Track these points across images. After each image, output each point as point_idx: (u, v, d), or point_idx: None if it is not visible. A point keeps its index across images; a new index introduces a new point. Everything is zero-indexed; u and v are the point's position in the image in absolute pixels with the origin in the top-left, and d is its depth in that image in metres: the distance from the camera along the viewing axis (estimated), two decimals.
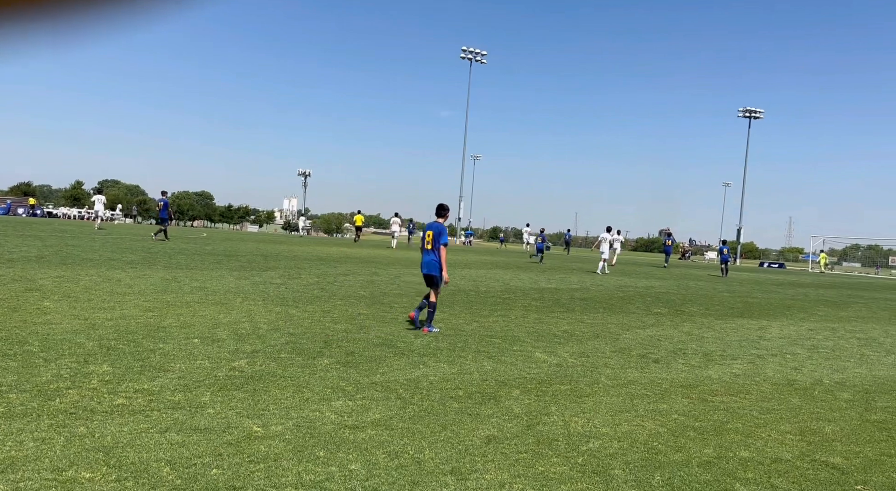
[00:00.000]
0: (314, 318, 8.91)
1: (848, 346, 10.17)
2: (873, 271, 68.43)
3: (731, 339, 10.02)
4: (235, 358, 6.14)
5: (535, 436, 4.49)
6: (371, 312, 9.95)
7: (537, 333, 9.18)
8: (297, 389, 5.20)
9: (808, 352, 9.25)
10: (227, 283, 12.17)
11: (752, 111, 71.54)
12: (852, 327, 12.75)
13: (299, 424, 4.33)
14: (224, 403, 4.68)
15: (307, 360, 6.29)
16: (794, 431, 5.09)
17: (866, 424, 5.48)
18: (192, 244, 23.69)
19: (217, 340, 6.89)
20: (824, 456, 4.51)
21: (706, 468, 4.09)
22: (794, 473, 4.13)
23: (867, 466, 4.36)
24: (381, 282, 14.71)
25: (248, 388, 5.14)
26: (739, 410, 5.63)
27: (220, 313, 8.64)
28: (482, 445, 4.22)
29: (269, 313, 8.97)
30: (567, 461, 4.04)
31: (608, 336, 9.37)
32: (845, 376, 7.60)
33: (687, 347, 8.87)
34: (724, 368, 7.54)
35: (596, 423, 4.94)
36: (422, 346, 7.48)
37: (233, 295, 10.53)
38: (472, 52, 68.85)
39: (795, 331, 11.56)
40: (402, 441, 4.17)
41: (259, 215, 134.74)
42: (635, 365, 7.36)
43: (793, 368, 7.92)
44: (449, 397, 5.34)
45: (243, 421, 4.32)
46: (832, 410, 5.89)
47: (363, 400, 5.04)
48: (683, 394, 6.12)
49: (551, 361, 7.19)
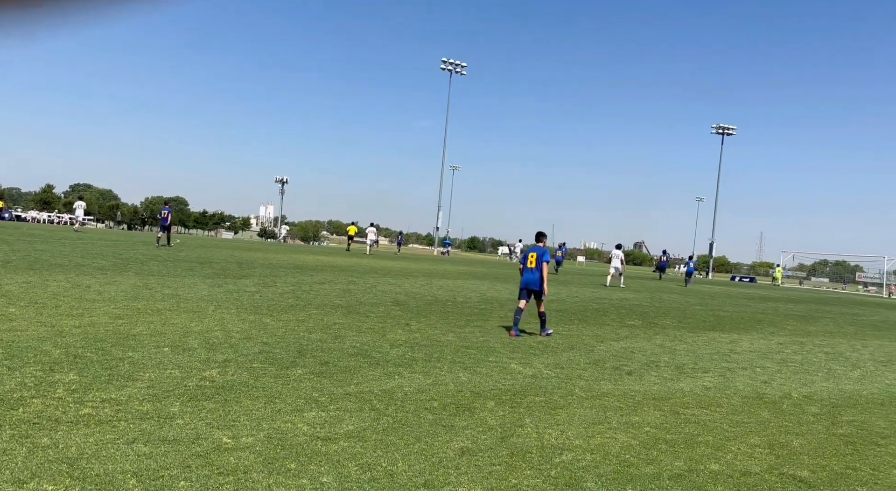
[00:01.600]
0: (288, 327, 8.81)
1: (816, 360, 10.37)
2: (840, 286, 69.98)
3: (703, 352, 10.15)
4: (206, 367, 6.04)
5: (508, 448, 4.49)
6: (347, 321, 9.88)
7: (513, 344, 9.20)
8: (269, 400, 5.13)
9: (778, 366, 9.41)
10: (200, 290, 12.00)
11: (726, 128, 73.00)
12: (820, 342, 13.01)
13: (270, 436, 4.27)
14: (194, 414, 4.60)
15: (280, 370, 6.22)
16: (763, 445, 5.16)
17: (833, 438, 5.58)
18: (165, 251, 23.33)
19: (188, 349, 6.77)
20: (792, 469, 4.58)
21: (677, 481, 4.13)
22: (763, 486, 4.18)
23: (833, 480, 4.44)
24: (358, 291, 14.63)
25: (219, 398, 5.06)
26: (710, 423, 5.70)
27: (192, 321, 8.51)
28: (456, 457, 4.21)
29: (242, 322, 8.85)
30: (540, 474, 4.04)
31: (583, 348, 9.43)
32: (813, 390, 7.74)
33: (660, 360, 8.96)
34: (696, 381, 7.63)
35: (569, 435, 4.96)
36: (397, 356, 7.45)
37: (205, 303, 10.38)
38: (452, 64, 69.26)
39: (765, 345, 11.75)
40: (375, 453, 4.13)
41: (234, 222, 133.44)
42: (609, 377, 7.42)
43: (762, 381, 8.05)
44: (423, 409, 5.32)
45: (213, 432, 4.25)
46: (800, 424, 5.99)
47: (336, 411, 5.00)
48: (656, 406, 6.18)
49: (526, 373, 7.21)
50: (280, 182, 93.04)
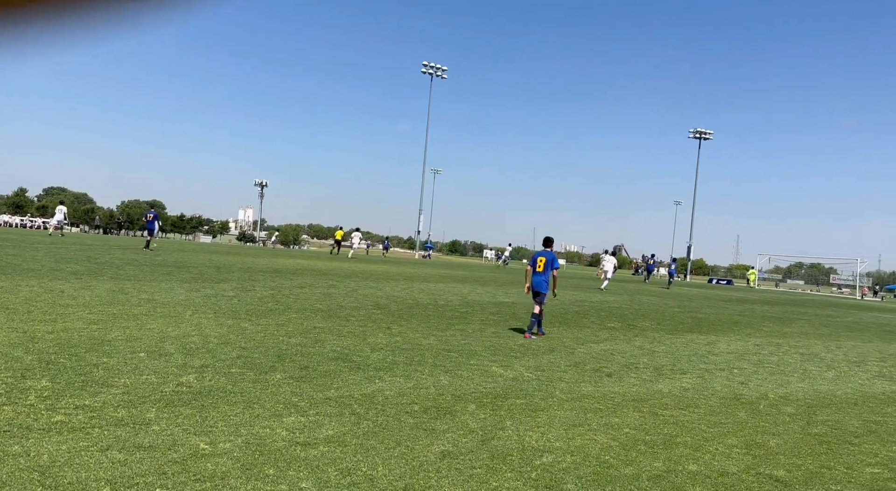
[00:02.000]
0: (267, 331, 8.73)
1: (791, 361, 10.52)
2: (814, 288, 71.22)
3: (681, 353, 10.25)
4: (183, 373, 5.96)
5: (489, 451, 4.49)
6: (327, 325, 9.82)
7: (494, 347, 9.21)
8: (247, 405, 5.07)
9: (754, 367, 9.54)
10: (177, 295, 11.84)
11: (702, 132, 74.00)
12: (796, 343, 13.21)
13: (249, 441, 4.22)
14: (170, 420, 4.53)
15: (259, 375, 6.16)
16: (741, 445, 5.22)
17: (808, 438, 5.66)
18: (142, 255, 23.00)
19: (164, 354, 6.67)
20: (768, 469, 4.64)
21: (656, 482, 4.15)
22: (740, 486, 4.23)
23: (808, 479, 4.50)
24: (338, 295, 14.55)
25: (196, 403, 4.99)
26: (688, 424, 5.75)
27: (169, 327, 8.39)
28: (436, 460, 4.20)
29: (220, 327, 8.75)
30: (521, 476, 4.04)
31: (563, 350, 9.47)
32: (789, 391, 7.86)
33: (639, 362, 9.03)
34: (674, 382, 7.70)
35: (550, 437, 4.97)
36: (378, 360, 7.42)
37: (182, 307, 10.25)
38: (433, 68, 69.36)
39: (742, 346, 11.90)
40: (356, 458, 4.10)
41: (213, 226, 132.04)
42: (589, 379, 7.45)
43: (739, 382, 8.15)
44: (404, 412, 5.30)
45: (190, 438, 4.19)
46: (776, 424, 6.07)
47: (316, 416, 4.95)
48: (635, 408, 6.22)
49: (507, 376, 7.22)
50: (259, 185, 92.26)
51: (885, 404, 7.54)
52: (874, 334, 16.86)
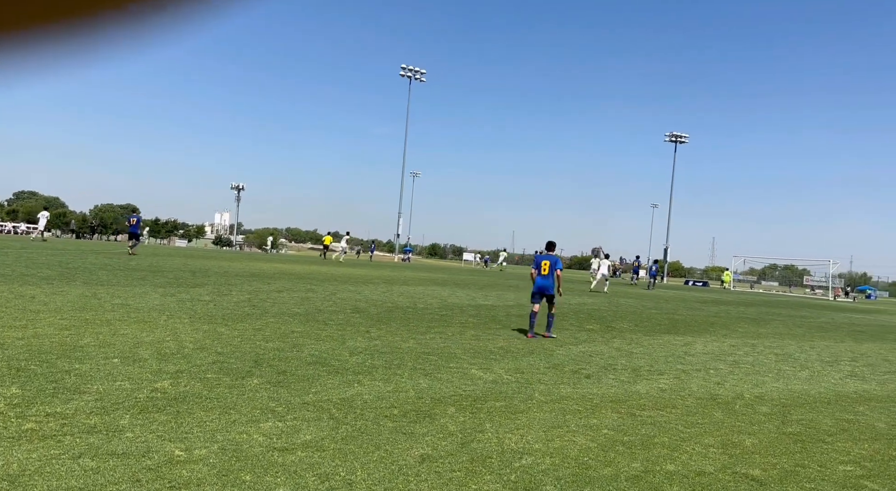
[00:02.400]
0: (244, 336, 8.63)
1: (766, 361, 10.68)
2: (787, 289, 72.49)
3: (659, 354, 10.35)
4: (158, 379, 5.86)
5: (469, 454, 4.48)
6: (305, 329, 9.73)
7: (474, 349, 9.21)
8: (223, 411, 5.00)
9: (730, 367, 9.66)
10: (152, 300, 11.66)
11: (678, 136, 74.99)
12: (770, 343, 13.42)
13: (225, 447, 4.16)
14: (144, 426, 4.45)
15: (235, 380, 6.08)
16: (717, 445, 5.28)
17: (783, 437, 5.74)
18: (115, 259, 22.61)
19: (138, 360, 6.56)
20: (744, 468, 4.70)
21: (634, 483, 4.18)
22: (717, 485, 4.27)
23: (783, 477, 4.56)
24: (317, 299, 14.44)
25: (171, 410, 4.91)
26: (666, 425, 5.80)
27: (143, 332, 8.25)
28: (416, 464, 4.18)
29: (195, 332, 8.62)
30: (500, 479, 4.04)
31: (542, 352, 9.50)
32: (764, 391, 7.97)
33: (617, 363, 9.10)
34: (652, 383, 7.76)
35: (529, 439, 4.98)
36: (357, 364, 7.37)
37: (157, 313, 10.09)
38: (412, 71, 69.36)
39: (718, 347, 12.06)
40: (334, 463, 4.07)
41: (189, 230, 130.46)
42: (568, 381, 7.49)
43: (716, 382, 8.25)
44: (383, 416, 5.26)
45: (165, 445, 4.12)
46: (752, 424, 6.15)
47: (294, 421, 4.90)
48: (613, 409, 6.26)
49: (487, 378, 7.22)
50: (236, 189, 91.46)
51: (856, 403, 7.68)
52: (846, 334, 17.20)
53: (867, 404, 7.65)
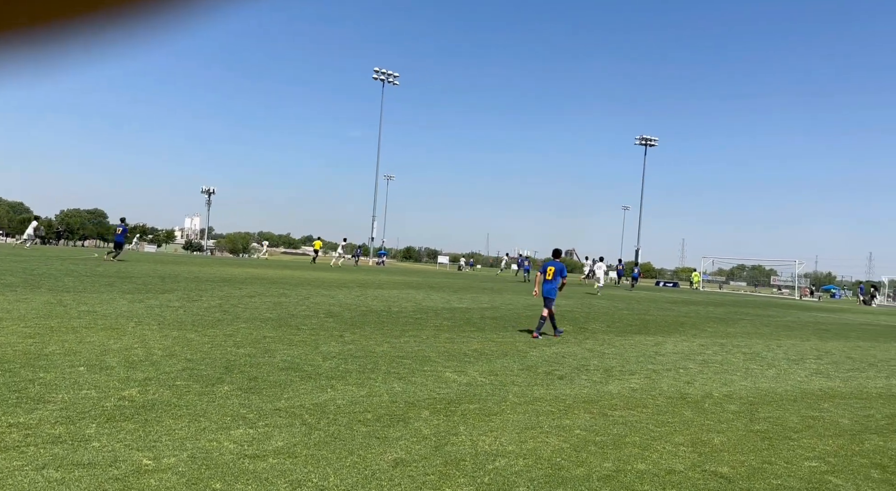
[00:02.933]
0: (215, 342, 8.51)
1: (735, 360, 10.89)
2: (752, 289, 73.98)
3: (630, 354, 10.47)
4: (126, 386, 5.75)
5: (442, 457, 4.48)
6: (277, 334, 9.63)
7: (448, 352, 9.21)
8: (193, 419, 4.92)
9: (700, 366, 9.82)
10: (120, 306, 11.43)
11: (648, 139, 76.12)
12: (738, 343, 13.68)
13: (194, 456, 4.10)
14: (111, 436, 4.36)
15: (205, 387, 5.99)
16: (687, 443, 5.36)
17: (750, 434, 5.86)
18: (82, 265, 22.12)
19: (106, 368, 6.42)
20: (713, 466, 4.78)
21: (606, 482, 4.22)
22: (687, 483, 4.34)
23: (751, 474, 4.66)
24: (290, 303, 14.31)
25: (139, 418, 4.82)
26: (637, 424, 5.88)
27: (111, 339, 8.08)
28: (389, 468, 4.16)
29: (164, 338, 8.48)
30: (473, 481, 4.05)
31: (516, 354, 9.55)
32: (732, 389, 8.12)
33: (589, 364, 9.19)
34: (623, 383, 7.86)
35: (503, 441, 5.00)
36: (330, 369, 7.32)
37: (125, 319, 9.89)
38: (385, 74, 69.27)
39: (688, 346, 12.25)
40: (306, 469, 4.03)
41: (158, 234, 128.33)
42: (541, 382, 7.53)
43: (685, 381, 8.38)
44: (357, 421, 5.24)
45: (132, 454, 4.04)
46: (720, 422, 6.26)
47: (265, 427, 4.85)
48: (586, 409, 6.32)
49: (461, 381, 7.23)
50: (206, 193, 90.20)
51: (821, 400, 7.87)
52: (811, 333, 17.61)
53: (832, 401, 7.84)
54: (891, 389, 9.15)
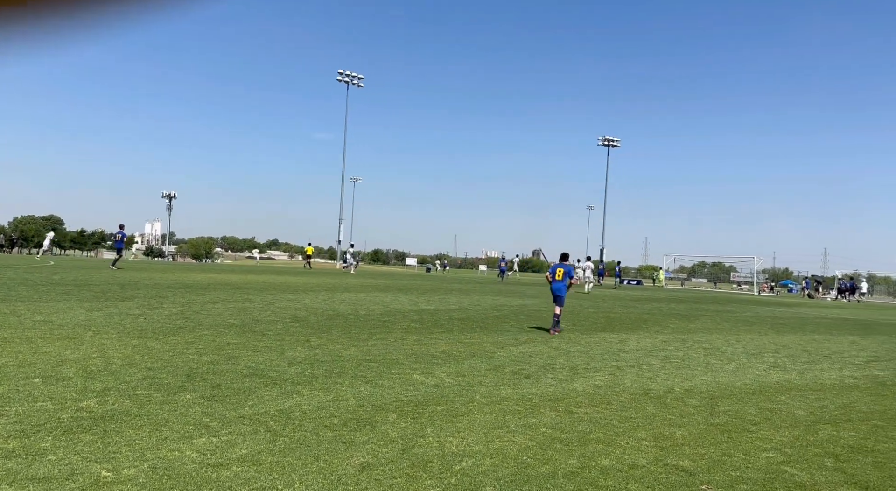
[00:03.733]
0: (176, 350, 8.34)
1: (696, 355, 11.14)
2: (711, 286, 75.72)
3: (595, 352, 10.63)
4: (83, 397, 5.60)
5: (409, 459, 4.48)
6: (241, 340, 9.50)
7: (416, 354, 9.21)
8: (154, 428, 4.83)
9: (662, 362, 10.02)
10: (77, 315, 11.12)
11: (610, 140, 77.35)
12: (699, 338, 13.99)
13: (155, 466, 4.02)
14: (68, 448, 4.25)
15: (167, 395, 5.87)
16: (649, 438, 5.47)
17: (711, 428, 6.00)
18: (38, 273, 21.45)
19: (62, 379, 6.25)
20: (675, 460, 4.88)
21: (570, 479, 4.28)
22: (649, 477, 4.43)
23: (711, 467, 4.77)
24: (254, 309, 14.12)
25: (98, 429, 4.70)
26: (601, 420, 5.97)
27: (67, 349, 7.86)
28: (356, 473, 4.15)
29: (124, 347, 8.28)
30: (440, 482, 4.06)
31: (484, 354, 9.60)
32: (693, 384, 8.31)
33: (555, 362, 9.29)
34: (588, 381, 7.97)
35: (470, 441, 5.02)
36: (295, 374, 7.24)
37: (83, 328, 9.63)
38: (349, 75, 68.91)
39: (651, 343, 12.49)
40: (271, 476, 3.99)
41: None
42: (508, 381, 7.59)
43: (648, 377, 8.54)
44: (323, 426, 5.20)
45: (90, 466, 3.94)
46: (682, 416, 6.40)
47: (229, 435, 4.78)
48: (552, 407, 6.39)
49: (429, 382, 7.24)
50: (167, 197, 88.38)
51: (779, 392, 8.11)
52: (769, 327, 18.11)
53: (788, 393, 8.09)
54: (843, 380, 9.48)
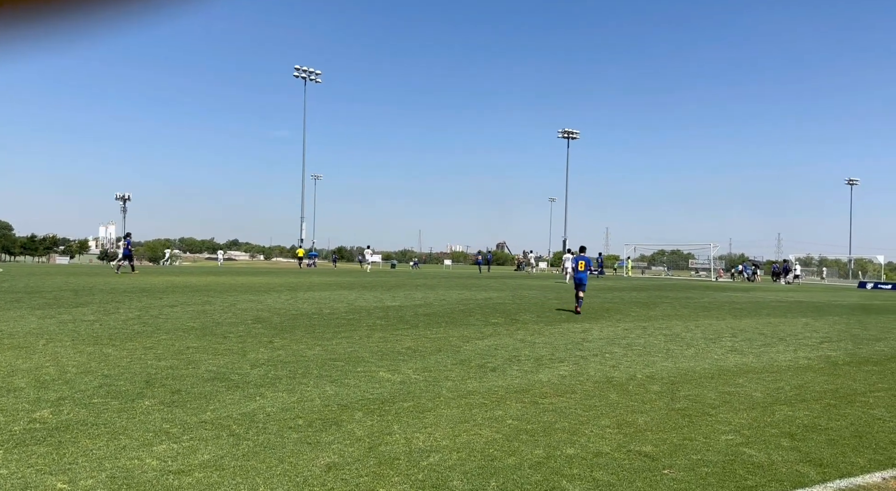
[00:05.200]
0: (134, 356, 8.13)
1: (656, 342, 11.37)
2: (674, 273, 77.44)
3: (559, 343, 10.76)
4: (36, 408, 5.41)
5: (376, 457, 4.46)
6: (202, 344, 9.31)
7: (381, 351, 9.17)
8: (112, 437, 4.69)
9: (624, 350, 10.21)
10: (28, 323, 10.74)
11: (570, 132, 78.23)
12: (660, 325, 14.29)
13: (114, 475, 3.91)
14: (21, 461, 4.10)
15: (125, 403, 5.71)
16: (613, 425, 5.56)
17: (672, 413, 6.14)
18: None
19: (14, 390, 6.02)
20: (638, 446, 4.98)
21: (536, 469, 4.33)
22: (613, 464, 4.51)
23: (673, 451, 4.88)
24: (215, 311, 13.85)
25: (52, 440, 4.55)
26: (566, 410, 6.05)
27: (18, 359, 7.59)
28: (322, 474, 4.11)
29: (79, 355, 8.03)
30: (407, 479, 4.06)
31: (450, 349, 9.62)
32: (654, 370, 8.48)
33: (521, 354, 9.37)
34: (553, 371, 8.06)
35: (437, 436, 5.03)
36: (258, 376, 7.14)
37: (34, 337, 9.30)
38: (306, 71, 68.01)
39: (613, 331, 12.70)
40: (234, 481, 3.92)
41: (70, 245, 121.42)
42: (474, 375, 7.62)
43: (611, 365, 8.69)
44: (287, 428, 5.14)
45: (45, 478, 3.81)
46: (644, 402, 6.53)
47: (190, 441, 4.68)
48: (517, 399, 6.44)
49: (395, 379, 7.22)
50: (121, 199, 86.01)
51: (737, 376, 8.34)
52: (727, 313, 18.61)
53: (746, 376, 8.32)
54: (798, 361, 9.81)
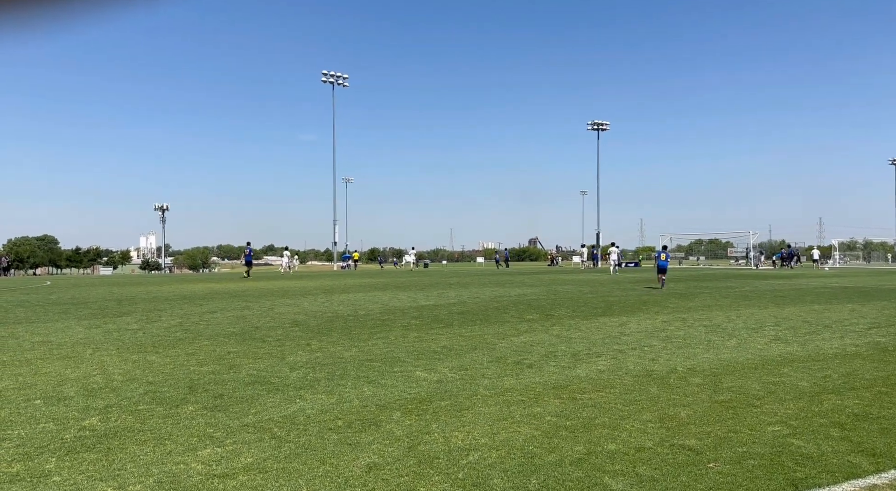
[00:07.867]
0: (177, 362, 8.32)
1: (696, 334, 11.15)
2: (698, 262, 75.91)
3: (596, 337, 10.63)
4: (86, 416, 5.57)
5: (416, 457, 4.47)
6: (242, 349, 9.47)
7: (417, 351, 9.20)
8: (158, 442, 4.81)
9: (663, 343, 10.03)
10: (75, 333, 11.08)
11: (600, 124, 77.21)
12: (699, 316, 14.01)
13: (161, 480, 4.00)
14: (73, 468, 4.22)
15: (169, 409, 5.85)
16: (654, 419, 5.47)
17: (715, 405, 6.01)
18: (34, 294, 21.37)
19: (64, 399, 6.22)
20: (681, 439, 4.88)
21: (578, 465, 4.28)
22: (656, 459, 4.43)
23: (717, 445, 4.77)
24: (253, 316, 14.08)
25: (101, 447, 4.68)
26: (606, 405, 5.97)
27: (67, 368, 7.83)
28: (362, 474, 4.13)
29: (124, 363, 8.25)
30: (448, 478, 4.05)
31: (485, 347, 9.59)
32: (695, 362, 8.32)
33: (557, 349, 9.29)
34: (591, 366, 7.97)
35: (475, 434, 5.01)
36: (297, 379, 7.23)
37: (82, 347, 9.59)
38: (334, 76, 68.62)
39: (651, 324, 12.50)
40: (278, 483, 3.97)
41: (113, 256, 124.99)
42: (511, 372, 7.59)
43: (650, 359, 8.55)
44: (328, 429, 5.19)
45: (96, 484, 3.92)
46: (686, 395, 6.40)
47: (234, 445, 4.76)
48: (555, 395, 6.39)
49: (431, 379, 7.23)
50: (160, 209, 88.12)
51: (781, 365, 8.12)
52: (769, 301, 18.15)
53: (791, 365, 8.10)
54: (845, 348, 9.51)
